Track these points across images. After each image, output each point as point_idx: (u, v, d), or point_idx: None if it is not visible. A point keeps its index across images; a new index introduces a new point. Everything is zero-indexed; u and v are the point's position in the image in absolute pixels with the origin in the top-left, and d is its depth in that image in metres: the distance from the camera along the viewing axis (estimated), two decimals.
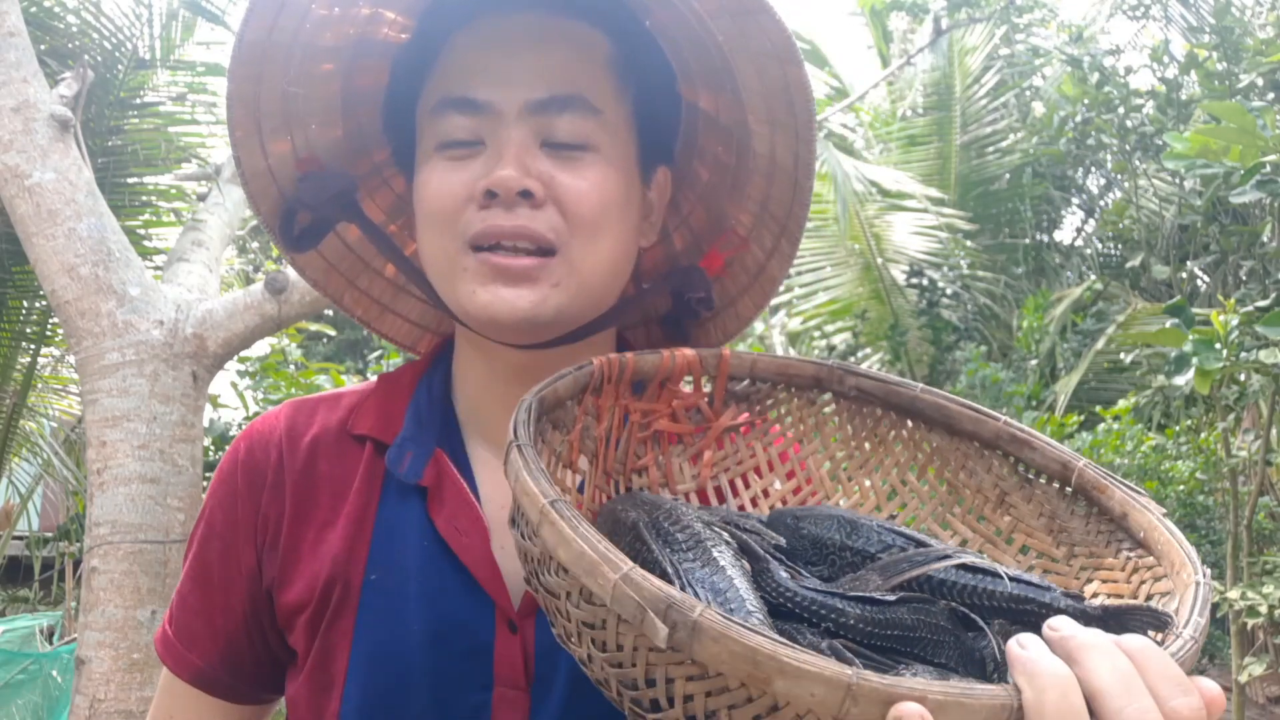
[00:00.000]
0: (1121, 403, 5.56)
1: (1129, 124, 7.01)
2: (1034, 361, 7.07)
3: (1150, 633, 0.62)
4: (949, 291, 8.23)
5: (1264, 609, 3.76)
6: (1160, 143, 6.52)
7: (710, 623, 0.50)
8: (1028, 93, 9.14)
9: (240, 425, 4.69)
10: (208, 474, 3.23)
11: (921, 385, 0.87)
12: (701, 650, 0.51)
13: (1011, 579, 0.66)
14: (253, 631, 0.95)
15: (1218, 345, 3.29)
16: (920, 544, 0.74)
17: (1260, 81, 5.75)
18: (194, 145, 4.29)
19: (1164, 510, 0.75)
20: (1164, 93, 6.93)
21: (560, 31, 0.89)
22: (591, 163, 0.87)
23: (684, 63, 0.95)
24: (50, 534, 8.27)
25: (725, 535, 0.69)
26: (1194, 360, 3.29)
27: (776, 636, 0.50)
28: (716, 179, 1.00)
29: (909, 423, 0.88)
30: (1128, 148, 7.20)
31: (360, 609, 0.88)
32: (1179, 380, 3.36)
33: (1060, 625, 0.57)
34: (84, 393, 2.66)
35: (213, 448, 4.47)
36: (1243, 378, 4.21)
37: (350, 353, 10.72)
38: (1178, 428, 5.37)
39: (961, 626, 0.65)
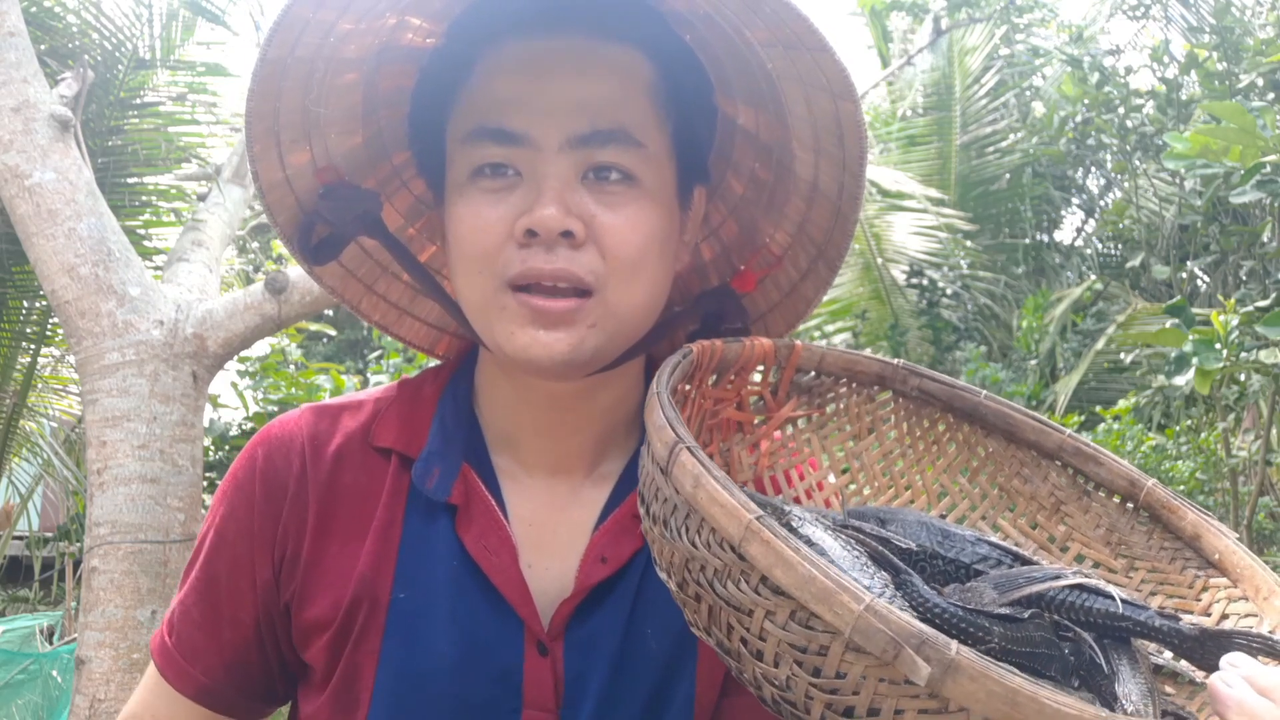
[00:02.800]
0: (1121, 403, 5.55)
1: (1129, 124, 7.00)
2: (1034, 361, 7.06)
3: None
4: (949, 291, 8.22)
5: None
6: (1160, 143, 6.52)
7: (969, 662, 0.51)
8: (1028, 93, 9.12)
9: (241, 425, 4.68)
10: (208, 474, 3.23)
11: (985, 392, 0.87)
12: (956, 688, 0.51)
13: (1124, 602, 0.68)
14: (264, 645, 0.93)
15: (1218, 345, 3.29)
16: (1016, 556, 0.75)
17: (1260, 81, 5.74)
18: (194, 145, 4.28)
19: (1238, 535, 0.76)
20: (1164, 93, 6.92)
21: (601, 58, 0.85)
22: (633, 198, 0.84)
23: (724, 78, 0.92)
24: (50, 534, 8.25)
25: (854, 542, 0.68)
26: (1194, 360, 3.28)
27: (1030, 679, 0.51)
28: (751, 194, 0.98)
29: (965, 426, 0.88)
30: (1128, 148, 7.19)
31: (387, 629, 0.86)
32: (1179, 380, 3.36)
33: (1240, 663, 0.60)
34: (84, 393, 2.66)
35: (213, 448, 4.47)
36: (1243, 378, 4.20)
37: (350, 353, 10.71)
38: (1178, 428, 5.36)
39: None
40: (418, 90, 0.93)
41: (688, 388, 0.81)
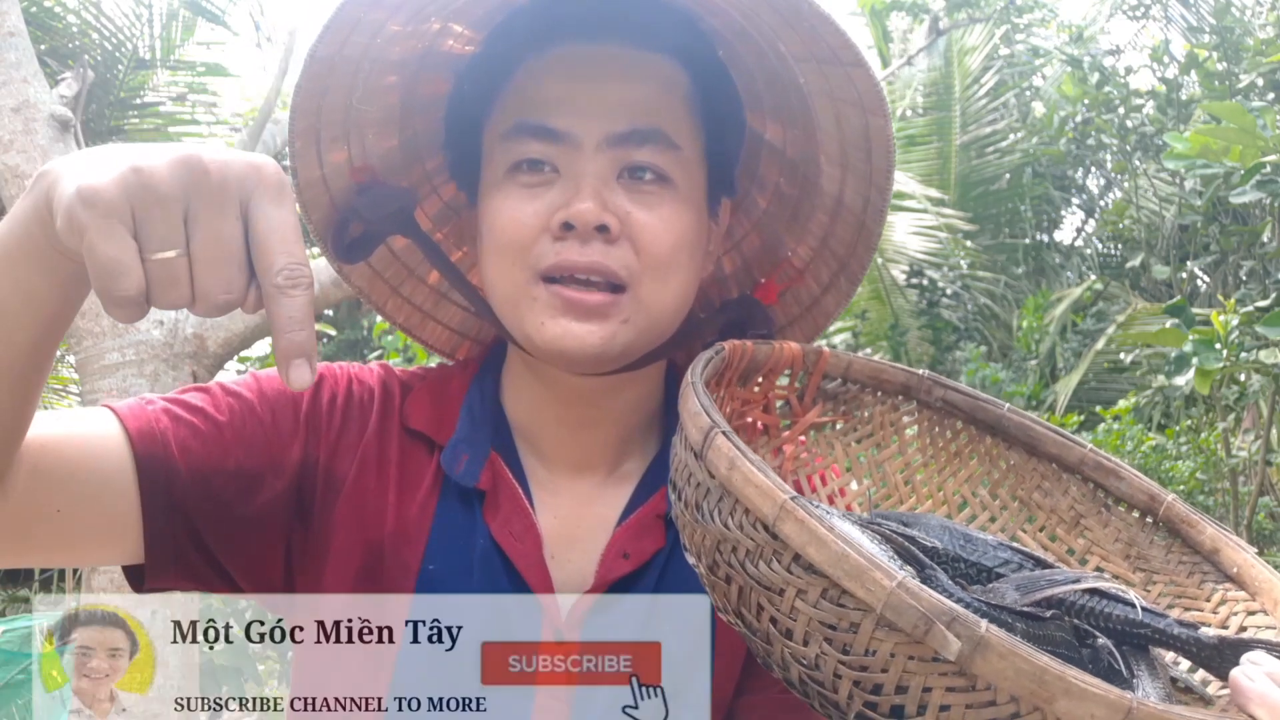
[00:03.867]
0: (1121, 403, 5.55)
1: (1129, 124, 6.99)
2: (1034, 361, 7.06)
3: None
4: (949, 291, 8.22)
5: None
6: (1160, 143, 6.51)
7: (998, 639, 0.52)
8: (1028, 93, 9.12)
9: None
10: None
11: (1009, 405, 0.88)
12: (985, 665, 0.52)
13: (1144, 609, 0.69)
14: (244, 489, 0.85)
15: (1218, 345, 3.29)
16: (1037, 560, 0.76)
17: (1260, 81, 5.74)
18: None
19: (1256, 550, 0.77)
20: (1164, 93, 6.92)
21: (641, 64, 0.88)
22: (668, 199, 0.86)
23: (755, 93, 0.94)
24: None
25: (880, 538, 0.68)
26: (1194, 360, 3.28)
27: (1056, 659, 0.52)
28: (775, 208, 1.00)
29: (988, 438, 0.89)
30: (1128, 148, 7.19)
31: (415, 597, 0.88)
32: (1179, 380, 3.36)
33: (1261, 661, 0.61)
34: (84, 393, 2.66)
35: None
36: (1243, 378, 4.21)
37: (350, 352, 10.71)
38: (1178, 428, 5.36)
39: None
40: (456, 90, 0.95)
41: (716, 386, 0.81)
